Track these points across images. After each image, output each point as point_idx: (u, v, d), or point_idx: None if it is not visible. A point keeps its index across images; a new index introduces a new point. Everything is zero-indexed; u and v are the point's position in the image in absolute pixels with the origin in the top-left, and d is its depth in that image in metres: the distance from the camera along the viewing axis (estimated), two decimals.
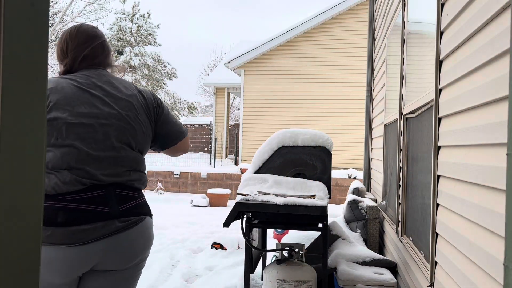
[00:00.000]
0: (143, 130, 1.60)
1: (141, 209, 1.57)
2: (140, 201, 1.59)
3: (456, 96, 1.69)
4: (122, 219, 1.48)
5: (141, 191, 1.62)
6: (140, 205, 1.58)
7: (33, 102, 0.51)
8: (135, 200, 1.56)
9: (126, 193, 1.53)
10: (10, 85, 0.48)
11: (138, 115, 1.58)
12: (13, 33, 0.48)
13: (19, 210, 0.50)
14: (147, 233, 1.58)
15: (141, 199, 1.60)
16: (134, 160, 1.58)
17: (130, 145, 1.56)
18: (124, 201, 1.51)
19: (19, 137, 0.49)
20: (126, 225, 1.49)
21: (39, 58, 0.51)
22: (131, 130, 1.55)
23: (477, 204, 1.41)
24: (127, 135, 1.54)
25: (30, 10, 0.50)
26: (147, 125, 1.62)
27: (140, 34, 26.16)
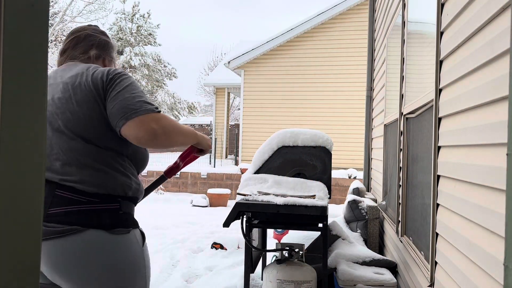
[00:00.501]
0: (81, 113, 1.33)
1: (76, 218, 1.27)
2: (84, 208, 1.29)
3: (456, 96, 1.69)
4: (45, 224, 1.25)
5: (100, 196, 1.31)
6: (79, 212, 1.27)
7: (33, 102, 0.51)
8: (75, 206, 1.28)
9: (66, 195, 1.29)
10: (10, 85, 0.48)
11: (73, 96, 1.34)
12: (13, 33, 0.48)
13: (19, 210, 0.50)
14: (77, 250, 1.25)
15: (89, 205, 1.29)
16: (76, 151, 1.32)
17: (64, 131, 1.33)
18: (57, 204, 1.28)
19: (19, 137, 0.49)
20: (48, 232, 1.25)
21: (39, 58, 0.51)
22: (61, 115, 1.34)
23: (477, 204, 1.41)
24: (58, 120, 1.34)
25: (30, 10, 0.50)
26: (90, 105, 1.33)
27: (140, 34, 26.15)
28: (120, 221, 1.34)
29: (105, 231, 1.30)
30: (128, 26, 26.05)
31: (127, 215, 1.38)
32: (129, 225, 1.37)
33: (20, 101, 0.49)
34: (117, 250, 1.31)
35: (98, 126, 1.34)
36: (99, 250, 1.28)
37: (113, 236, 1.31)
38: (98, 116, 1.34)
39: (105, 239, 1.30)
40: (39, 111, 0.52)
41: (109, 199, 1.33)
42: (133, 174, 1.44)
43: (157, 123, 1.30)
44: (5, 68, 0.47)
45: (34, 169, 0.52)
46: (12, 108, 0.48)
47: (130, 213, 1.40)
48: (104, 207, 1.32)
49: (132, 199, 1.42)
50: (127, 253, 1.33)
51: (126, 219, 1.36)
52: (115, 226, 1.32)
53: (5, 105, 0.47)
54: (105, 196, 1.32)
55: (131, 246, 1.35)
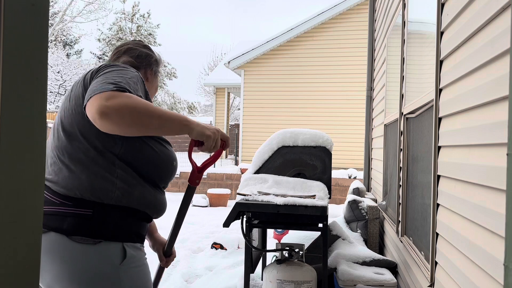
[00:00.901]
0: (71, 108, 1.27)
1: (45, 219, 1.17)
2: (55, 210, 1.21)
3: (456, 96, 1.69)
4: None
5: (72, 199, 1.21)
6: (49, 214, 1.20)
7: (33, 102, 0.51)
8: (49, 206, 1.22)
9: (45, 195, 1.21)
10: (10, 85, 0.48)
11: (70, 93, 1.31)
12: (13, 33, 0.48)
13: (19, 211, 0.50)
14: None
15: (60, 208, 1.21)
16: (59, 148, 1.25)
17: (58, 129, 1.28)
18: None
19: (19, 137, 0.49)
20: None
21: (39, 58, 0.51)
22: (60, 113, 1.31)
23: (477, 204, 1.41)
24: (58, 118, 1.31)
25: (30, 10, 0.50)
26: (78, 101, 1.26)
27: (140, 34, 26.15)
28: (85, 229, 1.20)
29: (65, 236, 1.19)
30: (128, 26, 26.04)
31: (103, 225, 1.22)
32: (98, 235, 1.21)
33: (20, 101, 0.49)
34: (77, 258, 1.19)
35: (83, 121, 1.23)
36: (59, 253, 1.19)
37: (74, 244, 1.19)
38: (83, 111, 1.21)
39: (64, 246, 1.19)
40: (39, 111, 0.52)
41: (82, 204, 1.21)
42: (122, 179, 1.25)
43: (109, 100, 1.12)
44: (5, 68, 0.47)
45: (34, 169, 0.52)
46: (12, 108, 0.48)
47: (113, 223, 1.23)
48: (72, 211, 1.21)
49: (119, 208, 1.24)
50: (88, 266, 1.19)
51: (96, 229, 1.21)
52: (77, 234, 1.19)
53: (5, 105, 0.47)
54: (78, 200, 1.21)
55: (96, 260, 1.20)
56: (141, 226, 1.33)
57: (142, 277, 1.29)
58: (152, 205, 1.33)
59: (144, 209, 1.31)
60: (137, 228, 1.31)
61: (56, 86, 17.82)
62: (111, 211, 1.23)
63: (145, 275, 1.31)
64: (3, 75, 0.47)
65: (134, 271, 1.27)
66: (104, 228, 1.22)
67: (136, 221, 1.31)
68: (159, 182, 1.36)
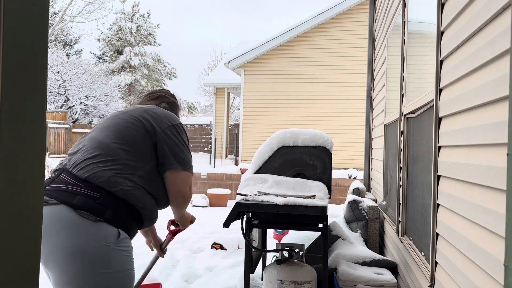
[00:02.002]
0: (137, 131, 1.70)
1: (57, 194, 1.46)
2: (67, 188, 1.48)
3: (456, 96, 1.69)
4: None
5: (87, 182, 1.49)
6: (61, 190, 1.47)
7: (33, 102, 0.51)
8: (63, 185, 1.49)
9: (63, 177, 1.53)
10: (10, 85, 0.48)
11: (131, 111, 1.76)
12: (13, 33, 0.48)
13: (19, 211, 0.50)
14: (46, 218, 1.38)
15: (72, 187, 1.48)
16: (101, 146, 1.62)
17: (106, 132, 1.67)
18: (55, 183, 1.51)
19: (19, 137, 0.49)
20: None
21: (39, 58, 0.51)
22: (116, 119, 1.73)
23: (478, 204, 1.41)
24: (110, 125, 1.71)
25: (30, 10, 0.50)
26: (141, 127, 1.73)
27: (140, 34, 26.14)
28: (90, 207, 1.45)
29: (72, 209, 1.43)
30: (128, 26, 26.04)
31: (104, 208, 1.47)
32: (99, 215, 1.46)
33: (20, 101, 0.49)
34: (77, 229, 1.42)
35: (135, 134, 1.62)
36: (62, 224, 1.42)
37: (77, 217, 1.43)
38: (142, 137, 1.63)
39: (69, 216, 1.43)
40: (39, 111, 0.52)
41: (92, 187, 1.48)
42: (134, 182, 1.56)
43: (190, 189, 1.73)
44: (5, 68, 0.47)
45: (34, 168, 0.51)
46: (12, 108, 0.48)
47: (112, 209, 1.48)
48: (83, 191, 1.47)
49: (120, 200, 1.51)
50: (87, 238, 1.42)
51: (99, 210, 1.46)
52: (83, 209, 1.44)
53: (5, 105, 0.47)
54: (90, 184, 1.48)
55: (93, 235, 1.43)
56: (132, 225, 1.58)
57: (128, 264, 1.51)
58: (148, 209, 1.62)
59: (139, 208, 1.58)
60: (129, 224, 1.56)
61: (56, 86, 17.81)
62: (114, 199, 1.50)
63: (131, 263, 1.54)
64: (3, 75, 0.47)
65: (123, 254, 1.50)
66: (105, 211, 1.47)
67: (131, 219, 1.56)
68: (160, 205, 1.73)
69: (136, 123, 1.65)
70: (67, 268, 1.40)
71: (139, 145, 1.60)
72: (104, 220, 1.46)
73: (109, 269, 1.44)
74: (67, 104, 18.68)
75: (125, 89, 24.45)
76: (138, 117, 1.67)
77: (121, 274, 1.47)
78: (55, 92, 18.13)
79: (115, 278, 1.45)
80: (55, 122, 14.72)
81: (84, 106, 19.11)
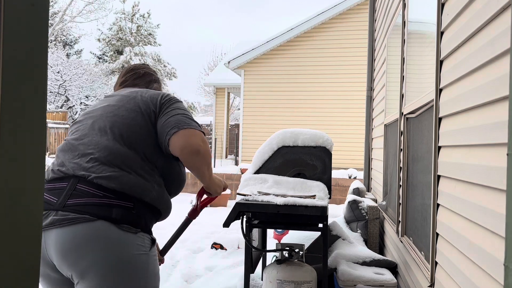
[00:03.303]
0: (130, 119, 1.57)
1: (89, 208, 1.35)
2: (99, 201, 1.37)
3: (456, 96, 1.69)
4: (60, 212, 1.35)
5: (116, 192, 1.39)
6: (93, 204, 1.37)
7: (33, 102, 0.51)
8: (91, 198, 1.38)
9: (85, 188, 1.40)
10: (10, 85, 0.48)
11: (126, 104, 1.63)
12: (13, 33, 0.48)
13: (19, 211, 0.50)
14: (84, 237, 1.32)
15: (104, 199, 1.37)
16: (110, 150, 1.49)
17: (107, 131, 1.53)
18: (76, 196, 1.38)
19: (19, 137, 0.49)
20: (60, 220, 1.33)
21: (39, 58, 0.51)
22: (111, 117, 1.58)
23: (477, 204, 1.41)
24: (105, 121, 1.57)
25: (30, 10, 0.50)
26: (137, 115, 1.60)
27: (140, 34, 26.14)
28: (130, 219, 1.40)
29: (113, 224, 1.36)
30: (128, 26, 26.03)
31: (139, 218, 1.43)
32: (138, 226, 1.42)
33: (20, 100, 0.49)
34: (121, 245, 1.37)
35: (139, 133, 1.51)
36: (104, 240, 1.34)
37: (120, 232, 1.37)
38: (141, 124, 1.51)
39: (112, 232, 1.36)
40: (39, 111, 0.52)
41: (124, 197, 1.40)
42: (158, 184, 1.51)
43: (203, 142, 1.50)
44: (5, 68, 0.47)
45: (35, 169, 0.51)
46: (12, 108, 0.48)
47: (144, 217, 1.46)
48: (117, 203, 1.39)
49: (150, 207, 1.48)
50: (131, 252, 1.38)
51: (136, 221, 1.42)
52: (124, 222, 1.38)
53: (5, 105, 0.47)
54: (121, 193, 1.40)
55: (135, 247, 1.40)
56: (152, 225, 1.56)
57: (157, 266, 1.53)
58: (169, 208, 1.60)
59: (164, 210, 1.57)
60: (152, 225, 1.54)
61: (56, 86, 17.81)
62: (145, 207, 1.46)
63: (158, 265, 1.55)
64: (3, 75, 0.47)
65: (154, 259, 1.50)
66: (142, 221, 1.44)
67: (155, 219, 1.55)
68: (173, 192, 1.65)
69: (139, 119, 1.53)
70: (111, 279, 1.36)
71: (145, 141, 1.51)
72: (142, 230, 1.44)
73: (147, 276, 1.45)
74: (67, 104, 18.69)
75: None
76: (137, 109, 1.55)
77: (154, 278, 1.49)
78: (55, 92, 18.14)
79: (151, 281, 1.47)
80: (55, 122, 14.73)
81: (84, 106, 19.12)
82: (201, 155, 1.48)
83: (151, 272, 1.46)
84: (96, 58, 27.57)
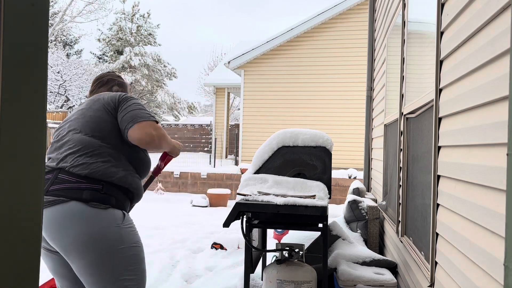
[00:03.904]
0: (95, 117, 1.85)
1: (64, 192, 1.67)
2: (72, 186, 1.67)
3: (456, 96, 1.69)
4: (46, 197, 1.66)
5: (88, 178, 1.70)
6: (67, 189, 1.67)
7: (33, 102, 0.51)
8: (67, 184, 1.69)
9: (63, 177, 1.72)
10: (10, 85, 0.48)
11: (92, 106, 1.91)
12: (13, 33, 0.48)
13: (20, 210, 0.50)
14: (61, 215, 1.63)
15: (76, 184, 1.68)
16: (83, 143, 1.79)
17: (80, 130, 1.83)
18: (57, 183, 1.70)
19: (19, 137, 0.49)
20: (44, 203, 1.62)
21: (39, 58, 0.51)
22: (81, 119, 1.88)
23: (477, 204, 1.41)
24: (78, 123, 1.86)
25: (30, 10, 0.50)
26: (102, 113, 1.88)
27: (140, 34, 26.15)
28: (98, 198, 1.69)
29: (84, 203, 1.65)
30: (128, 26, 26.04)
31: (108, 196, 1.72)
32: (107, 203, 1.70)
33: (20, 101, 0.49)
34: (92, 220, 1.65)
35: (105, 127, 1.81)
36: (77, 217, 1.63)
37: (90, 209, 1.65)
38: (106, 119, 1.82)
39: (83, 210, 1.65)
40: (39, 110, 0.52)
41: (93, 181, 1.70)
42: (124, 168, 1.80)
43: (155, 130, 1.80)
44: (5, 68, 0.47)
45: (34, 168, 0.51)
46: (12, 108, 0.48)
47: (114, 196, 1.74)
48: (88, 186, 1.69)
49: (118, 187, 1.76)
50: (101, 225, 1.65)
51: (106, 199, 1.70)
52: (93, 201, 1.67)
53: (5, 105, 0.47)
54: (91, 178, 1.70)
55: (106, 221, 1.67)
56: (127, 204, 1.85)
57: (136, 237, 1.77)
58: (138, 188, 1.88)
59: (133, 189, 1.84)
60: (126, 204, 1.83)
61: (56, 86, 17.81)
62: (113, 187, 1.74)
63: (138, 236, 1.79)
64: (3, 75, 0.47)
65: (130, 230, 1.75)
66: (110, 198, 1.72)
67: (127, 198, 1.83)
68: (142, 174, 1.96)
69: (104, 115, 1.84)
70: (89, 254, 1.62)
71: (112, 133, 1.81)
72: (111, 206, 1.70)
73: (123, 245, 1.68)
74: (67, 104, 18.69)
75: None
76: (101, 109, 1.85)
77: (133, 247, 1.72)
78: (55, 92, 18.14)
79: (130, 251, 1.70)
80: (55, 122, 14.73)
81: None
82: (155, 140, 1.80)
83: (127, 241, 1.70)
84: (96, 58, 27.56)
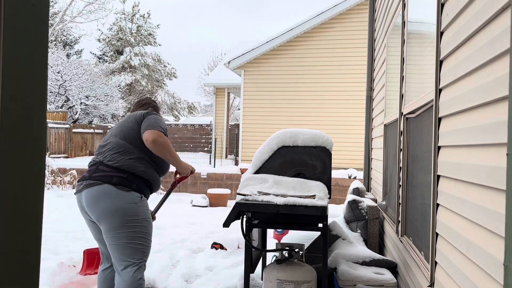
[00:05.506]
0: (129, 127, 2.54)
1: (101, 178, 2.37)
2: (107, 173, 2.38)
3: (456, 96, 1.69)
4: (88, 181, 2.40)
5: (118, 169, 2.40)
6: (104, 176, 2.38)
7: (33, 102, 0.51)
8: (104, 173, 2.40)
9: (102, 168, 2.43)
10: (10, 85, 0.48)
11: (127, 119, 2.62)
12: (13, 33, 0.48)
13: (20, 210, 0.50)
14: (96, 193, 2.35)
15: (109, 173, 2.39)
16: (118, 145, 2.49)
17: (117, 135, 2.52)
18: (98, 172, 2.42)
19: (19, 137, 0.49)
20: (86, 185, 2.40)
21: (39, 57, 0.51)
22: (119, 128, 2.58)
23: (477, 204, 1.41)
24: (118, 130, 2.57)
25: (30, 10, 0.50)
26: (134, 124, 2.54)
27: (140, 34, 26.14)
28: (124, 183, 2.38)
29: (113, 186, 2.36)
30: (128, 26, 26.03)
31: (131, 183, 2.40)
32: (129, 187, 2.38)
33: (20, 101, 0.49)
34: (117, 197, 2.35)
35: (133, 134, 2.49)
36: (107, 195, 2.35)
37: (117, 190, 2.36)
38: (135, 128, 2.50)
39: (112, 190, 2.36)
40: (39, 111, 0.52)
41: (121, 171, 2.41)
42: (145, 165, 2.47)
43: (160, 138, 2.42)
44: (5, 68, 0.47)
45: (34, 167, 0.51)
46: (12, 108, 0.48)
47: (135, 183, 2.41)
48: (116, 174, 2.39)
49: (139, 177, 2.44)
50: (124, 201, 2.36)
51: (129, 184, 2.39)
52: (120, 185, 2.37)
53: (5, 105, 0.47)
54: (120, 169, 2.41)
55: (127, 199, 2.37)
56: (146, 191, 2.52)
57: (148, 214, 2.47)
58: (156, 180, 2.56)
59: (152, 181, 2.52)
60: (145, 191, 2.51)
61: (56, 86, 17.81)
62: (136, 177, 2.44)
63: (149, 214, 2.50)
64: (3, 75, 0.47)
65: (144, 208, 2.45)
66: (132, 184, 2.40)
67: (146, 187, 2.51)
68: (161, 172, 2.63)
69: (134, 126, 2.53)
70: (113, 220, 2.32)
71: (138, 138, 2.48)
72: (132, 189, 2.38)
73: (137, 217, 2.37)
74: (67, 104, 18.68)
75: (125, 89, 24.44)
76: (133, 121, 2.55)
77: (145, 220, 2.41)
78: (55, 92, 18.13)
79: (143, 223, 2.40)
80: (55, 122, 14.74)
81: (85, 106, 19.12)
82: (158, 144, 2.39)
83: (141, 216, 2.40)
84: (96, 58, 27.57)
